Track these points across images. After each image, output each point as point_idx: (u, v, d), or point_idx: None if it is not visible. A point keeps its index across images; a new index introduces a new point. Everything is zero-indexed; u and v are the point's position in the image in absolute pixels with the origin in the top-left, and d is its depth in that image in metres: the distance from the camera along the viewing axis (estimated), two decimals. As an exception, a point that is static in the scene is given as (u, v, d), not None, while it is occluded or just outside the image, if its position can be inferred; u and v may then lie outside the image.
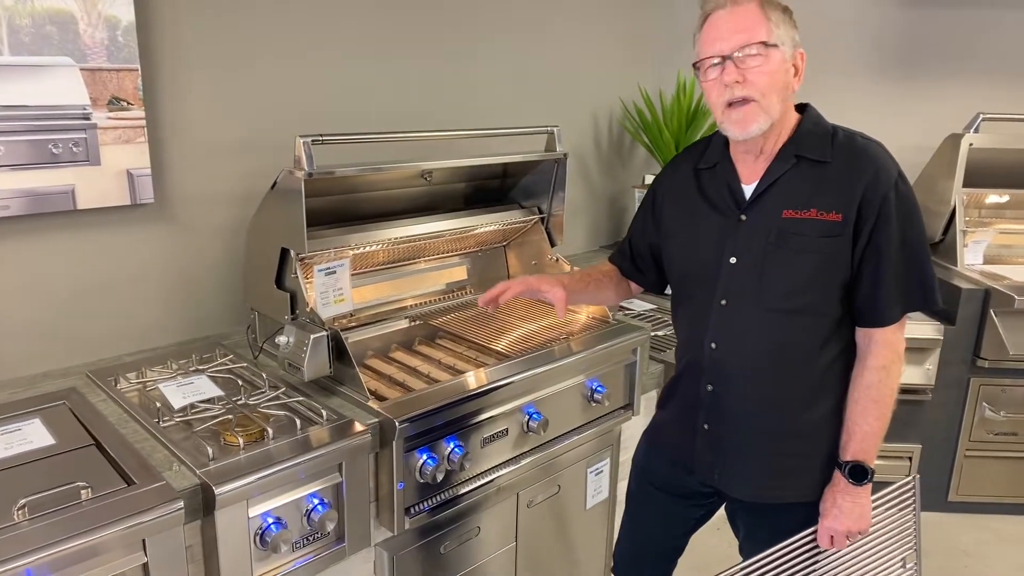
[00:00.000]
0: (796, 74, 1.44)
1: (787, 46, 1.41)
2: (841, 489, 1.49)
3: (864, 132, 1.51)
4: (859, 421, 1.46)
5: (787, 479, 1.54)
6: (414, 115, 2.49)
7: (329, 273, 1.94)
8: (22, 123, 1.69)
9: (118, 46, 1.80)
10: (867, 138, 1.49)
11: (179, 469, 1.42)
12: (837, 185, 1.42)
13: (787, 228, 1.43)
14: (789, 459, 1.53)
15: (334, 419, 1.63)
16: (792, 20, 1.43)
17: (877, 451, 1.48)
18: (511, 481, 1.93)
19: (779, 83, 1.40)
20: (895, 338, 1.45)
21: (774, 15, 1.40)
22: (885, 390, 1.45)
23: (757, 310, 1.47)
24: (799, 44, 1.44)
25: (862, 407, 1.46)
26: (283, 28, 2.13)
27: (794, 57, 1.43)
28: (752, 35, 1.37)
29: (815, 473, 1.53)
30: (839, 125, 1.51)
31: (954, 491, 3.03)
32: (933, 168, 3.27)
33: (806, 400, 1.49)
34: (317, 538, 1.56)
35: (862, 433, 1.46)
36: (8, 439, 1.50)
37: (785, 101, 1.44)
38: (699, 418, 1.59)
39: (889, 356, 1.44)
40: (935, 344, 2.82)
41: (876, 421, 1.45)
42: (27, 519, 1.23)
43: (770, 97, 1.40)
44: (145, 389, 1.76)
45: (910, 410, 2.92)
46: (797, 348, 1.47)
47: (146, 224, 1.97)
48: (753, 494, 1.58)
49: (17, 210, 1.73)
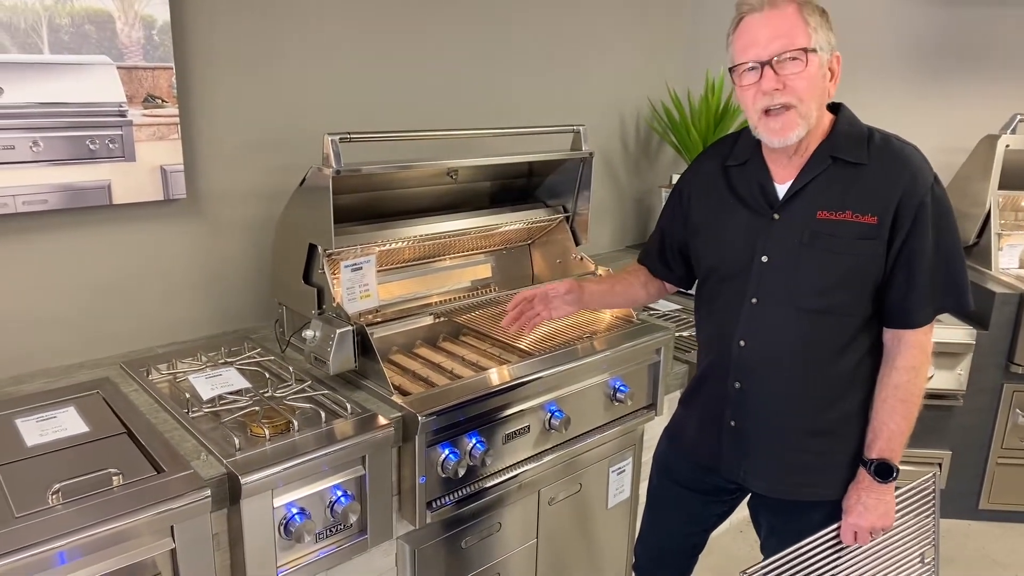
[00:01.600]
0: (832, 78, 1.43)
1: (824, 51, 1.39)
2: (866, 486, 1.49)
3: (899, 135, 1.50)
4: (887, 420, 1.46)
5: (811, 476, 1.54)
6: (440, 114, 2.51)
7: (355, 269, 1.97)
8: (61, 120, 1.74)
9: (154, 45, 1.84)
10: (903, 141, 1.48)
11: (207, 458, 1.46)
12: (873, 187, 1.41)
13: (821, 229, 1.43)
14: (814, 456, 1.53)
15: (358, 412, 1.65)
16: (829, 23, 1.41)
17: (903, 450, 1.48)
18: (533, 478, 1.94)
19: (818, 89, 1.39)
20: (925, 339, 1.46)
21: (812, 19, 1.37)
22: (914, 390, 1.45)
23: (788, 309, 1.48)
24: (835, 47, 1.42)
25: (890, 406, 1.46)
26: (311, 27, 2.16)
27: (831, 61, 1.42)
28: (791, 41, 1.35)
29: (840, 471, 1.53)
30: (874, 127, 1.49)
31: (985, 498, 2.97)
32: (968, 170, 3.21)
33: (832, 398, 1.50)
34: (340, 529, 1.58)
35: (889, 432, 1.46)
36: (44, 426, 1.55)
37: (822, 107, 1.44)
38: (726, 415, 1.59)
39: (919, 358, 1.45)
40: (967, 349, 2.77)
41: (903, 420, 1.46)
42: (61, 503, 1.27)
43: (809, 104, 1.39)
44: (175, 380, 1.80)
45: (940, 416, 2.87)
46: (825, 347, 1.47)
47: (178, 219, 2.02)
48: (778, 490, 1.58)
49: (55, 204, 1.78)
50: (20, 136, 1.70)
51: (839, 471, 1.53)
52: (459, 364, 1.98)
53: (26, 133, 1.70)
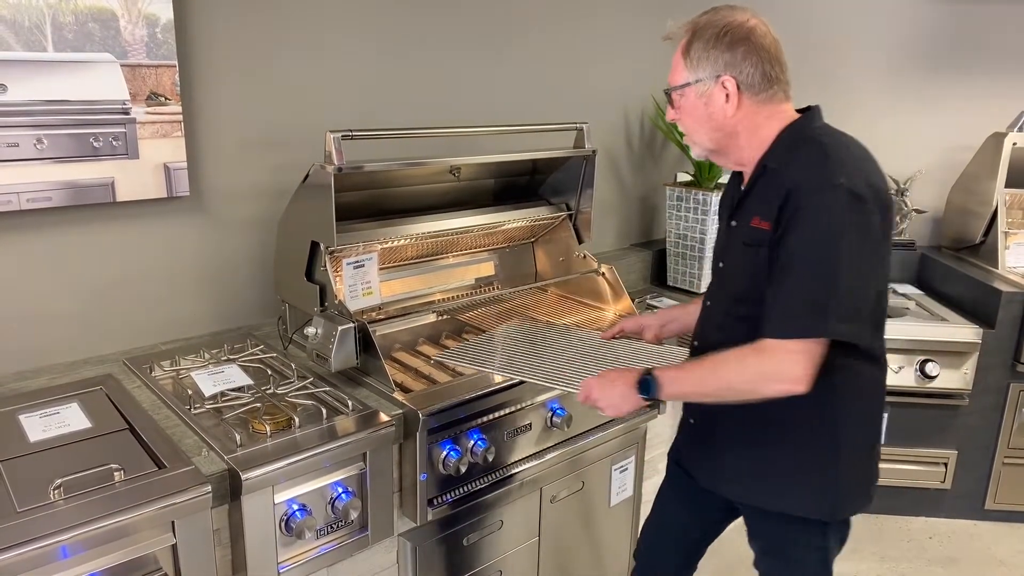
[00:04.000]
0: (727, 99, 1.41)
1: (706, 80, 1.42)
2: (626, 379, 1.49)
3: (855, 138, 1.43)
4: (691, 366, 1.47)
5: (751, 482, 1.53)
6: (443, 111, 2.51)
7: (358, 266, 1.97)
8: (64, 117, 1.75)
9: (157, 43, 1.85)
10: (831, 143, 1.38)
11: (208, 454, 1.46)
12: (775, 193, 1.36)
13: (752, 236, 1.42)
14: (750, 463, 1.52)
15: (360, 409, 1.65)
16: (721, 44, 1.40)
17: (677, 396, 1.52)
18: (534, 476, 1.94)
19: (700, 117, 1.45)
20: (772, 350, 1.33)
21: (695, 51, 1.42)
22: (726, 374, 1.39)
23: (726, 312, 1.53)
24: (729, 66, 1.40)
25: (705, 361, 1.43)
26: (313, 25, 2.16)
27: (718, 85, 1.41)
28: (672, 79, 1.48)
29: (780, 481, 1.50)
30: (831, 132, 1.43)
31: (991, 499, 2.95)
32: (975, 168, 3.19)
33: (764, 407, 1.40)
34: (341, 526, 1.59)
35: (682, 372, 1.46)
36: (47, 422, 1.56)
37: (720, 130, 1.45)
38: (687, 412, 1.67)
39: (758, 363, 1.34)
40: (973, 348, 2.75)
41: (696, 379, 1.43)
42: (63, 498, 1.28)
43: (695, 133, 1.48)
44: (178, 377, 1.80)
45: (946, 415, 2.86)
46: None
47: (181, 217, 2.02)
48: (723, 490, 1.59)
49: (59, 202, 1.79)
50: (24, 133, 1.71)
51: (779, 481, 1.49)
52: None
53: (30, 131, 1.71)
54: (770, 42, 1.41)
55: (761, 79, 1.40)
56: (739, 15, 1.42)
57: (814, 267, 1.29)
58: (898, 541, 2.84)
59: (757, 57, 1.39)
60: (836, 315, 1.28)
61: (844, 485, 1.48)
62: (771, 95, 1.42)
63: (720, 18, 1.42)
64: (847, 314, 1.29)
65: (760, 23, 1.42)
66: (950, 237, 3.32)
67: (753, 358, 1.35)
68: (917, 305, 3.03)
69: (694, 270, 3.01)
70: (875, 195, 1.33)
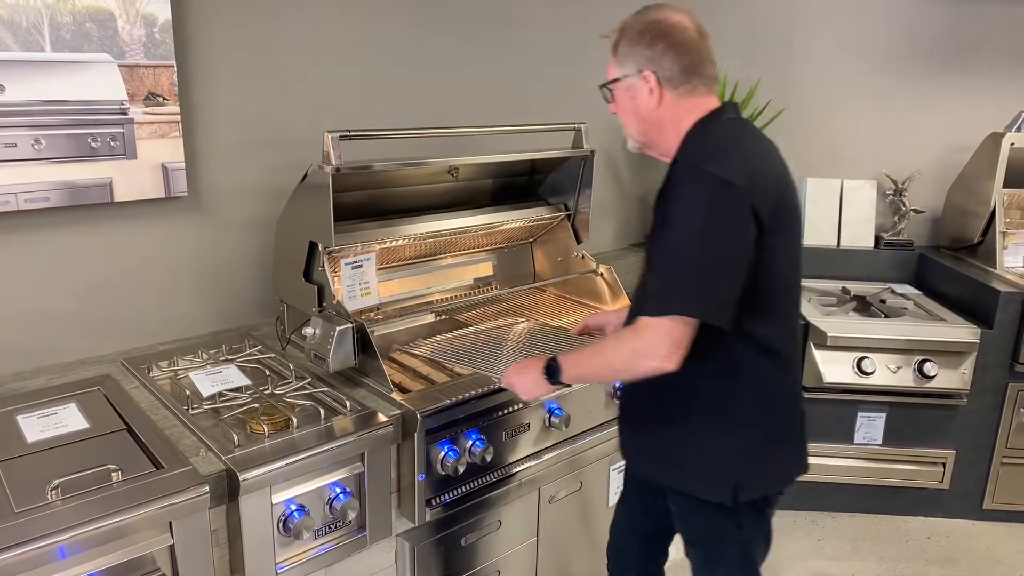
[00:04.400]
0: (650, 93, 1.46)
1: (631, 75, 1.47)
2: (537, 365, 1.59)
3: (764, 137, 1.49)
4: (586, 349, 1.55)
5: (666, 465, 1.57)
6: (442, 111, 2.51)
7: (356, 267, 1.97)
8: (62, 117, 1.75)
9: (155, 43, 1.85)
10: (720, 135, 1.44)
11: (206, 455, 1.46)
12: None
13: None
14: (662, 443, 1.57)
15: (357, 410, 1.65)
16: (643, 41, 1.45)
17: (579, 380, 1.63)
18: (533, 476, 1.94)
19: (629, 111, 1.52)
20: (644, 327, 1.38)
21: (622, 48, 1.49)
22: (607, 350, 1.48)
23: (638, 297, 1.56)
24: (650, 61, 1.45)
25: (596, 344, 1.55)
26: (313, 25, 2.16)
27: (641, 80, 1.46)
28: (608, 75, 1.53)
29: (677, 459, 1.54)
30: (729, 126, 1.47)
31: (989, 499, 2.95)
32: (973, 168, 3.19)
33: (656, 389, 1.49)
34: (339, 526, 1.59)
35: (579, 356, 1.54)
36: (44, 422, 1.55)
37: (647, 122, 1.50)
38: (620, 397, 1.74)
39: (633, 339, 1.40)
40: (971, 348, 2.75)
41: (587, 361, 1.53)
42: (60, 499, 1.28)
43: (627, 126, 1.55)
44: (176, 377, 1.80)
45: (944, 415, 2.86)
46: None
47: (180, 217, 2.02)
48: (646, 472, 1.64)
49: (57, 202, 1.78)
50: (22, 134, 1.70)
51: (683, 462, 1.53)
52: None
53: (28, 131, 1.71)
54: (691, 37, 1.45)
55: (680, 73, 1.44)
56: (664, 13, 1.46)
57: (675, 250, 1.36)
58: (896, 541, 2.84)
59: (676, 52, 1.44)
60: (692, 296, 1.34)
61: (742, 471, 1.49)
62: (692, 88, 1.46)
63: (645, 16, 1.47)
64: (703, 295, 1.34)
65: (685, 19, 1.46)
66: (948, 237, 3.32)
67: (628, 337, 1.42)
68: (915, 305, 3.03)
69: (692, 270, 3.01)
70: (756, 187, 1.35)
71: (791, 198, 1.46)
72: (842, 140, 3.36)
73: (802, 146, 3.35)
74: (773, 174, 1.42)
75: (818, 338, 2.75)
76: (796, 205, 1.48)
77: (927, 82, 3.32)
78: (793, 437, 1.57)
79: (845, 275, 3.30)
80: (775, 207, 1.38)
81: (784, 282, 1.47)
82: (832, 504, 2.98)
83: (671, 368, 1.37)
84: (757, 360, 1.45)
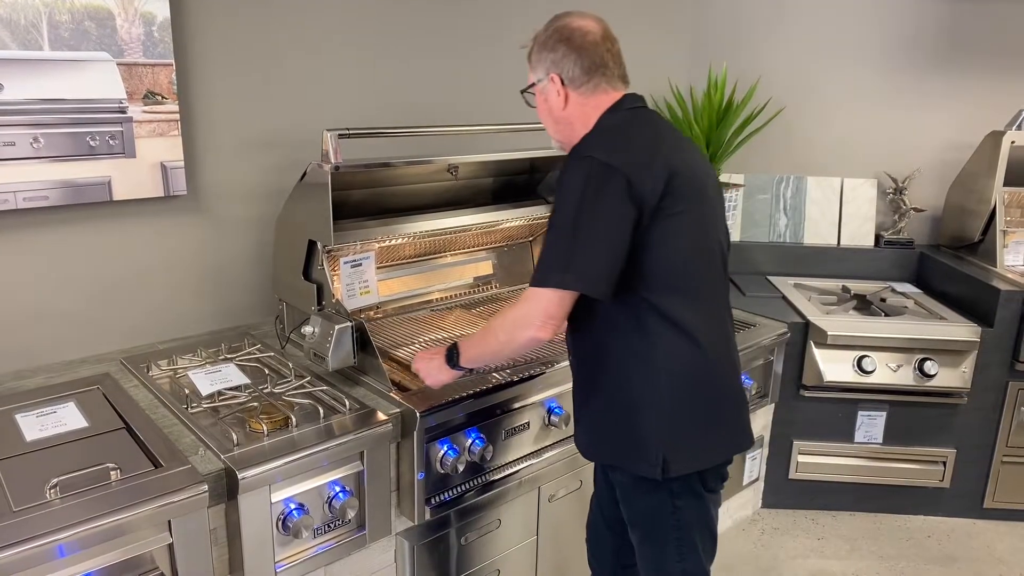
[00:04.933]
0: (558, 94, 1.54)
1: (542, 80, 1.56)
2: (440, 351, 1.65)
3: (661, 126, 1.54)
4: (479, 331, 1.61)
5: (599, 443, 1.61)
6: (441, 110, 2.50)
7: (355, 265, 1.97)
8: (61, 116, 1.75)
9: (153, 42, 1.85)
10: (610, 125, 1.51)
11: (205, 454, 1.46)
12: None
13: None
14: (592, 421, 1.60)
15: (357, 408, 1.65)
16: (548, 46, 1.54)
17: (474, 362, 1.63)
18: (533, 475, 1.93)
19: (544, 113, 1.60)
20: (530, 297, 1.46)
21: (533, 55, 1.58)
22: (494, 323, 1.56)
23: None
24: (554, 64, 1.53)
25: (484, 325, 1.63)
26: (311, 24, 2.16)
27: (549, 82, 1.54)
28: (528, 78, 1.61)
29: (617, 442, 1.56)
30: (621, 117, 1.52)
31: (990, 497, 2.95)
32: (973, 166, 3.19)
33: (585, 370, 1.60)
34: (338, 525, 1.58)
35: (474, 338, 1.61)
36: (43, 421, 1.55)
37: (559, 122, 1.58)
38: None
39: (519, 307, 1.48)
40: (972, 347, 2.75)
41: (478, 341, 1.59)
42: (58, 498, 1.28)
43: (547, 128, 1.63)
44: (175, 376, 1.80)
45: (945, 414, 2.85)
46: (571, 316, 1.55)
47: (179, 216, 2.02)
48: (582, 449, 1.66)
49: (55, 200, 1.78)
50: (20, 132, 1.70)
51: (611, 438, 1.57)
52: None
53: (26, 129, 1.71)
54: (592, 40, 1.52)
55: (582, 73, 1.52)
56: (570, 19, 1.55)
57: (555, 227, 1.45)
58: (896, 540, 2.83)
59: (577, 54, 1.51)
60: (564, 268, 1.42)
61: (668, 445, 1.50)
62: (594, 86, 1.53)
63: (552, 24, 1.56)
64: (576, 268, 1.41)
65: (588, 23, 1.54)
66: (948, 236, 3.32)
67: (509, 310, 1.51)
68: (915, 304, 3.03)
69: (692, 269, 3.00)
70: (638, 169, 1.41)
71: (692, 180, 1.48)
72: (842, 138, 3.36)
73: (802, 144, 3.35)
74: (661, 157, 1.46)
75: (818, 337, 2.74)
76: (701, 188, 1.50)
77: (928, 80, 3.31)
78: (723, 415, 1.57)
79: (845, 274, 3.29)
80: (665, 189, 1.43)
81: (692, 261, 1.50)
82: (832, 503, 2.97)
83: (545, 337, 1.46)
84: (671, 337, 1.48)
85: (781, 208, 3.34)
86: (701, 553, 1.60)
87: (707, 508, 1.60)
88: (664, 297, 1.46)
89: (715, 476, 1.59)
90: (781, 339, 2.60)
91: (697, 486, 1.55)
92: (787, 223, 3.33)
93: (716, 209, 1.57)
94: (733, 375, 1.60)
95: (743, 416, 1.61)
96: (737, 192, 3.10)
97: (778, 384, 2.69)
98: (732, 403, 1.59)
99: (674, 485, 1.53)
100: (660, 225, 1.43)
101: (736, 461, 2.68)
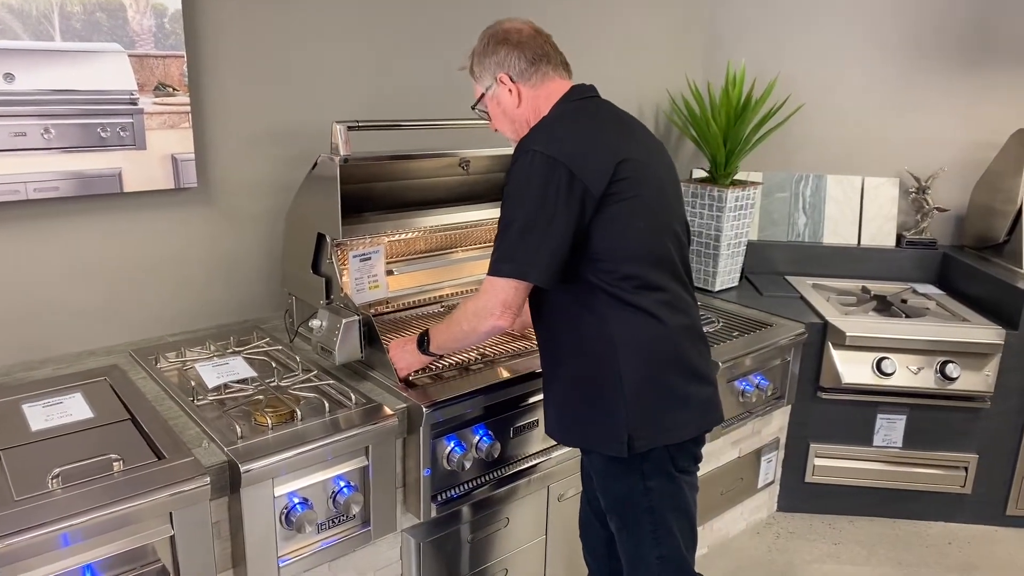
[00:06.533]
0: (511, 93, 1.59)
1: (491, 86, 1.61)
2: (413, 339, 1.70)
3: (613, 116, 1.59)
4: (447, 318, 1.64)
5: (568, 427, 1.61)
6: (454, 104, 2.48)
7: (364, 259, 1.95)
8: (72, 107, 1.75)
9: (165, 33, 1.84)
10: (555, 116, 1.55)
11: (209, 446, 1.45)
12: None
13: None
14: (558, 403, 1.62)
15: (363, 403, 1.63)
16: (488, 51, 1.59)
17: (443, 348, 1.68)
18: (542, 473, 1.91)
19: (499, 119, 1.64)
20: (486, 287, 1.51)
21: (475, 67, 1.63)
22: (457, 313, 1.60)
23: None
24: (499, 65, 1.58)
25: (450, 314, 1.64)
26: (323, 16, 2.15)
27: (498, 84, 1.59)
28: (475, 96, 1.66)
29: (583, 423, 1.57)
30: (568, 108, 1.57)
31: (1013, 504, 2.87)
32: (999, 165, 3.11)
33: (548, 356, 1.62)
34: (342, 520, 1.57)
35: (442, 325, 1.65)
36: (49, 411, 1.55)
37: (516, 121, 1.62)
38: None
39: (477, 298, 1.53)
40: (996, 349, 2.68)
41: (445, 329, 1.64)
42: (60, 488, 1.27)
43: (506, 132, 1.66)
44: (183, 368, 1.79)
45: (967, 418, 2.79)
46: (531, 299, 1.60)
47: (189, 208, 2.02)
48: (553, 435, 1.67)
49: (66, 192, 1.78)
50: (31, 123, 1.70)
51: (577, 420, 1.58)
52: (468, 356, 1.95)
53: (37, 120, 1.71)
54: (529, 34, 1.59)
55: (528, 65, 1.58)
56: (500, 25, 1.61)
57: (504, 219, 1.49)
58: (916, 546, 2.77)
59: (519, 50, 1.57)
60: (514, 259, 1.47)
61: (631, 422, 1.50)
62: (543, 75, 1.58)
63: (486, 34, 1.62)
64: (524, 259, 1.46)
65: (518, 24, 1.61)
66: (973, 236, 3.24)
67: (471, 300, 1.56)
68: (938, 305, 2.96)
69: (709, 267, 2.96)
70: (582, 159, 1.44)
71: (642, 167, 1.51)
72: (863, 136, 3.29)
73: (822, 142, 3.29)
74: (605, 145, 1.49)
75: (836, 338, 2.69)
76: (650, 176, 1.53)
77: (952, 77, 3.24)
78: (688, 391, 1.56)
79: (865, 275, 3.23)
80: (612, 177, 1.45)
81: (645, 244, 1.51)
82: (850, 507, 2.92)
83: (505, 326, 1.51)
84: (626, 316, 1.50)
85: (800, 207, 3.28)
86: (679, 539, 1.59)
87: (680, 489, 1.58)
88: (617, 280, 1.48)
89: (686, 455, 1.58)
90: (798, 339, 2.55)
91: (668, 465, 1.55)
92: (806, 222, 3.28)
93: (669, 194, 1.59)
94: (698, 354, 1.59)
95: (712, 393, 1.61)
96: (755, 190, 3.05)
97: (795, 385, 2.64)
98: (698, 380, 1.58)
99: (645, 466, 1.54)
100: (610, 210, 1.46)
101: (750, 463, 2.63)
